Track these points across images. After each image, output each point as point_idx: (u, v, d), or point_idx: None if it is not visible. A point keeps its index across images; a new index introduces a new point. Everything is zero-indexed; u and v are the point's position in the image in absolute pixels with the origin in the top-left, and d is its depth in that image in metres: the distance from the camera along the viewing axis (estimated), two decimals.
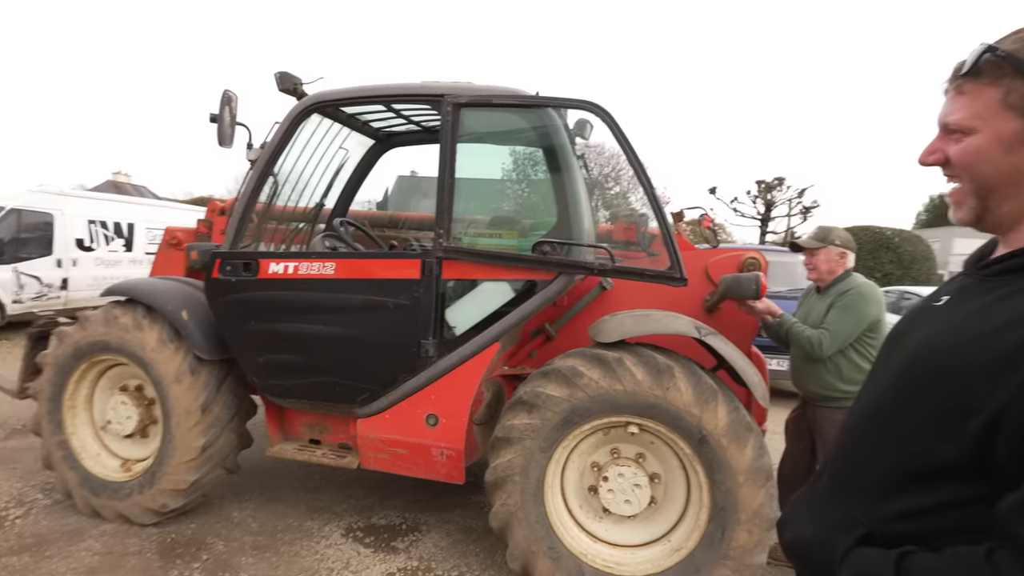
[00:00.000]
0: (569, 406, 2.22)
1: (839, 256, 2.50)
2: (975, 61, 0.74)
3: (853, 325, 2.36)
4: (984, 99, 0.73)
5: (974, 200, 0.77)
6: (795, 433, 2.69)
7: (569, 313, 2.88)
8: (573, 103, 2.27)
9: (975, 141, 0.75)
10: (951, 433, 0.69)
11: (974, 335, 0.71)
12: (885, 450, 0.80)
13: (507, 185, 2.75)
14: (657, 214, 2.20)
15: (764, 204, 22.18)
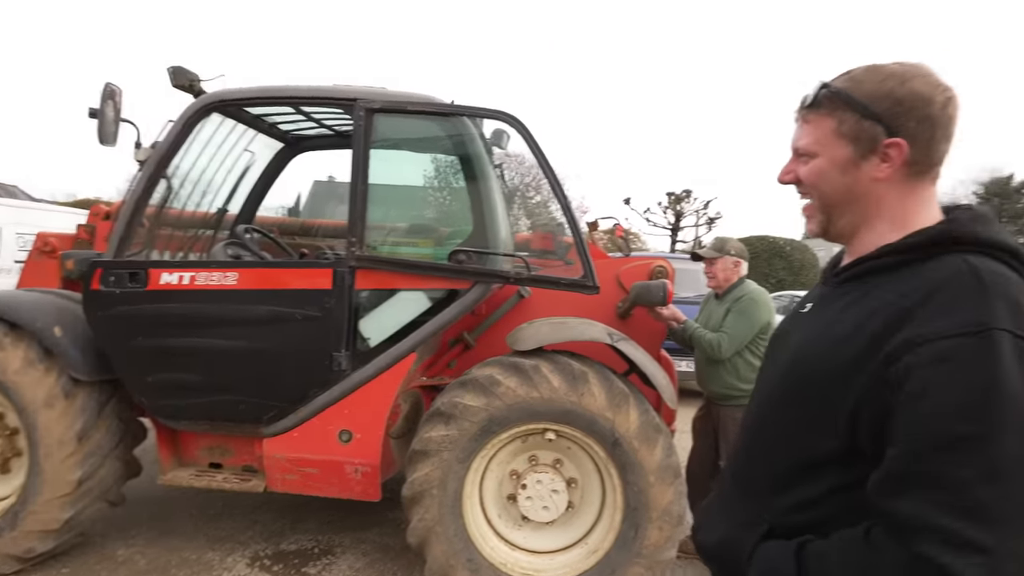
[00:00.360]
0: (487, 415, 2.21)
1: (734, 265, 2.70)
2: (814, 95, 0.85)
3: (748, 328, 2.55)
4: (823, 128, 0.83)
5: (820, 215, 0.88)
6: (701, 431, 2.86)
7: (487, 321, 2.88)
8: (488, 113, 2.29)
9: (817, 164, 0.85)
10: (826, 428, 0.77)
11: (830, 342, 0.79)
12: (776, 446, 0.86)
13: (423, 193, 2.71)
14: (570, 224, 2.26)
15: (674, 214, 23.62)
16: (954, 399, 0.63)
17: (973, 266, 0.70)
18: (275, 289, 2.39)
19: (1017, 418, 0.61)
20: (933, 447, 0.63)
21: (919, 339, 0.67)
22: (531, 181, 16.70)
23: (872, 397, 0.70)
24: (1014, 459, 0.60)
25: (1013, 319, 0.65)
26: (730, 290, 2.71)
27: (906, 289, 0.73)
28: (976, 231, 0.75)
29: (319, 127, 3.15)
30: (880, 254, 0.81)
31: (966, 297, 0.68)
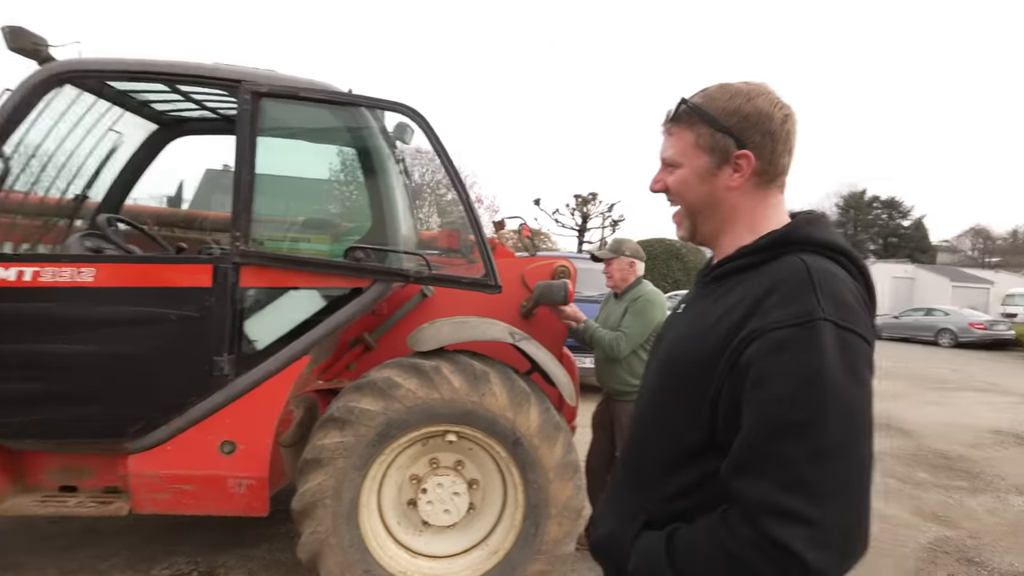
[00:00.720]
0: (385, 419, 2.13)
1: (629, 265, 2.83)
2: (675, 110, 0.92)
3: (644, 327, 2.68)
4: (684, 140, 0.91)
5: (687, 220, 0.95)
6: (600, 426, 2.96)
7: (389, 321, 2.78)
8: (386, 104, 2.19)
9: (681, 173, 0.92)
10: (695, 419, 0.83)
11: (696, 337, 0.86)
12: (658, 438, 0.91)
13: (318, 186, 2.55)
14: (471, 221, 2.23)
15: (581, 216, 24.49)
16: (785, 388, 0.70)
17: (806, 264, 0.78)
18: (143, 287, 2.14)
19: (838, 404, 0.68)
20: (769, 432, 0.70)
21: (759, 331, 0.74)
22: (443, 179, 16.53)
23: (727, 386, 0.76)
24: (836, 442, 0.68)
25: (836, 310, 0.72)
26: (628, 290, 2.83)
27: (755, 286, 0.81)
28: (809, 232, 0.84)
29: (201, 109, 2.86)
30: (738, 255, 0.89)
31: (797, 291, 0.75)
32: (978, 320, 17.14)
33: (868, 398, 0.72)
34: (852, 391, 0.70)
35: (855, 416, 0.69)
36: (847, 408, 0.69)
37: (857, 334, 0.72)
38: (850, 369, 0.70)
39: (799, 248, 0.83)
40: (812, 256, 0.81)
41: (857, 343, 0.72)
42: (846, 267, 0.82)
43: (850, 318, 0.73)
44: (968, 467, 4.91)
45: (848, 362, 0.70)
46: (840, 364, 0.69)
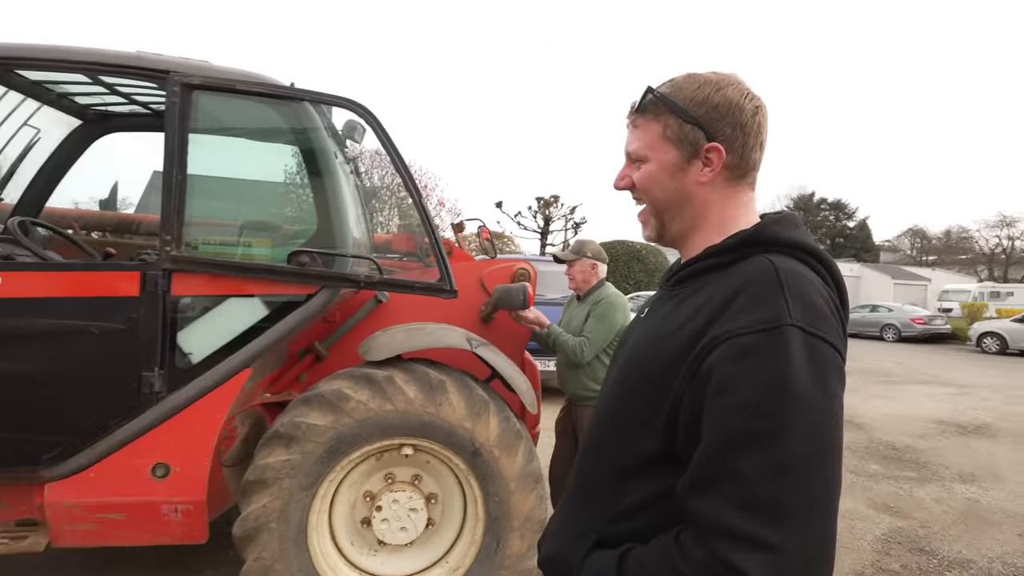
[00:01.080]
0: (335, 434, 2.00)
1: (591, 267, 2.78)
2: (641, 100, 0.85)
3: (607, 331, 2.63)
4: (651, 132, 0.84)
5: (654, 220, 0.88)
6: (563, 432, 2.90)
7: (341, 329, 2.64)
8: (331, 99, 2.06)
9: (649, 168, 0.85)
10: (650, 429, 0.76)
11: (657, 341, 0.80)
12: (612, 450, 0.84)
13: (259, 187, 2.39)
14: (424, 224, 2.12)
15: (543, 219, 24.60)
16: (748, 396, 0.63)
17: (774, 265, 0.73)
18: (60, 297, 1.94)
19: (804, 415, 0.62)
20: (728, 444, 0.64)
21: (723, 336, 0.68)
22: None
23: (688, 394, 0.70)
24: (800, 456, 0.61)
25: (805, 315, 0.67)
26: (590, 293, 2.78)
27: (721, 288, 0.75)
28: (778, 232, 0.79)
29: (129, 103, 2.65)
30: (705, 255, 0.83)
31: (764, 294, 0.69)
32: (918, 315, 18.12)
33: (837, 411, 0.66)
34: (820, 402, 0.64)
35: (822, 429, 0.63)
36: (813, 420, 0.63)
37: (826, 341, 0.67)
38: (818, 379, 0.64)
39: (766, 248, 0.78)
40: (780, 257, 0.76)
41: (826, 351, 0.67)
42: (816, 269, 0.77)
43: (819, 324, 0.67)
44: (915, 457, 5.11)
45: (816, 371, 0.64)
46: (808, 373, 0.63)
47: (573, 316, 2.82)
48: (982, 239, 36.69)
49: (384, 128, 2.04)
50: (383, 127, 2.04)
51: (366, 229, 2.80)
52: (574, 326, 2.74)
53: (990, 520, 3.73)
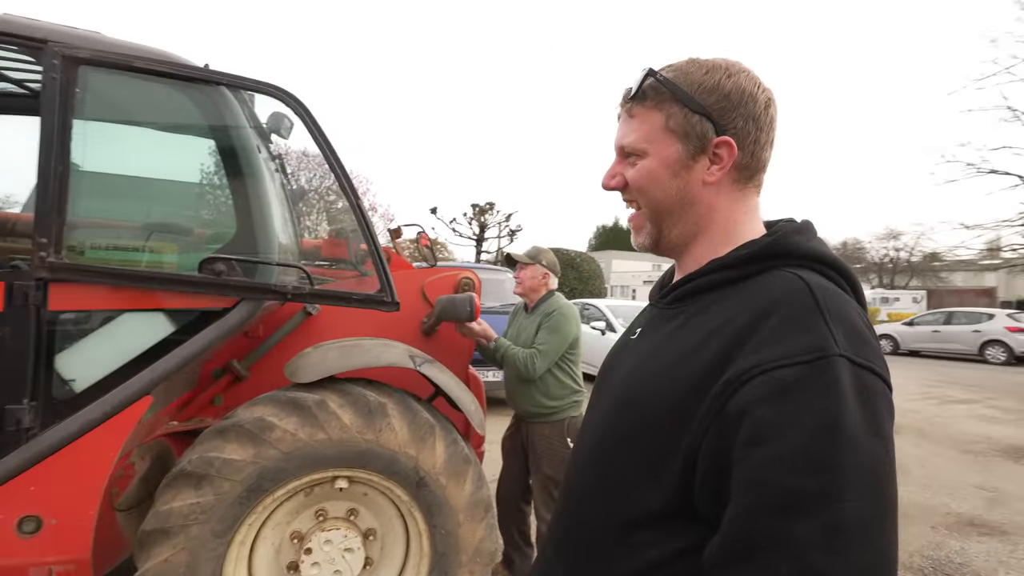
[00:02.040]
0: (257, 470, 1.73)
1: (543, 276, 2.66)
2: (640, 85, 0.73)
3: (560, 344, 2.51)
4: (651, 122, 0.73)
5: (650, 225, 0.76)
6: (511, 450, 2.75)
7: (265, 346, 2.35)
8: (254, 85, 1.80)
9: (646, 164, 0.73)
10: (657, 481, 0.62)
11: (662, 371, 0.67)
12: (601, 506, 0.69)
13: (164, 185, 2.06)
14: (363, 228, 1.90)
15: (478, 225, 24.50)
16: (795, 446, 0.52)
17: (806, 283, 0.62)
18: None
19: (860, 468, 0.51)
20: (773, 507, 0.51)
21: (756, 368, 0.56)
22: (332, 181, 15.58)
23: (710, 438, 0.58)
24: (860, 520, 0.50)
25: (849, 343, 0.56)
26: (539, 303, 2.66)
27: (741, 308, 0.64)
28: (799, 243, 0.69)
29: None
30: (711, 269, 0.71)
31: (802, 317, 0.59)
32: None
33: (892, 458, 0.54)
34: (876, 450, 0.52)
35: (881, 484, 0.52)
36: (871, 474, 0.51)
37: (875, 373, 0.56)
38: (872, 421, 0.53)
39: (786, 262, 0.67)
40: (807, 272, 0.65)
41: (876, 385, 0.56)
42: (841, 286, 0.66)
43: (866, 352, 0.57)
44: None
45: (869, 412, 0.53)
46: (860, 415, 0.52)
47: (522, 328, 2.68)
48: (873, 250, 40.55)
49: (316, 120, 1.81)
50: (315, 119, 1.81)
51: (293, 233, 2.53)
52: (523, 338, 2.61)
53: (903, 514, 3.96)
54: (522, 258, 2.66)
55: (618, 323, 9.06)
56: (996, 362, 14.78)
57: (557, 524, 0.79)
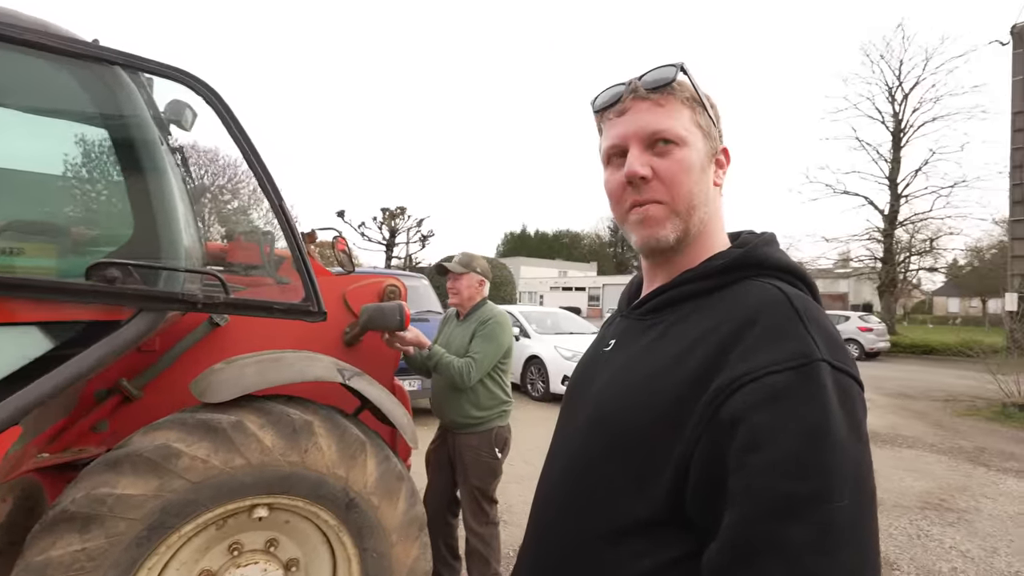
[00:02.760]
0: (159, 505, 1.51)
1: (478, 283, 2.62)
2: (672, 76, 0.72)
3: (496, 352, 2.48)
4: (683, 115, 0.72)
5: (678, 218, 0.73)
6: (436, 463, 2.67)
7: (162, 361, 2.08)
8: (155, 67, 1.59)
9: (685, 154, 0.72)
10: (645, 491, 0.62)
11: (643, 383, 0.67)
12: (589, 520, 0.67)
13: (42, 178, 1.75)
14: (286, 230, 1.74)
15: (389, 230, 23.87)
16: (788, 451, 0.54)
17: (784, 293, 0.65)
18: None
19: (846, 470, 0.54)
20: (771, 512, 0.53)
21: (747, 375, 0.58)
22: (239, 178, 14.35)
23: (703, 446, 0.59)
24: (849, 520, 0.52)
25: (828, 348, 0.59)
26: (473, 311, 2.61)
27: (722, 317, 0.65)
28: (771, 254, 0.72)
29: None
30: (686, 280, 0.73)
31: (785, 325, 0.61)
32: None
33: (871, 459, 0.58)
34: (858, 452, 0.56)
35: (864, 485, 0.55)
36: (855, 475, 0.54)
37: (851, 376, 0.60)
38: (853, 423, 0.56)
39: (758, 272, 0.70)
40: (779, 282, 0.69)
41: (853, 388, 0.59)
42: (805, 295, 0.70)
43: (842, 356, 0.60)
44: None
45: (851, 414, 0.57)
46: (844, 418, 0.55)
47: (453, 336, 2.62)
48: None
49: (231, 110, 1.63)
50: (229, 109, 1.63)
51: (197, 236, 2.27)
52: (455, 346, 2.55)
53: None
54: (456, 267, 2.60)
55: (531, 329, 9.22)
56: None
57: (531, 551, 0.76)
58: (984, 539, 3.81)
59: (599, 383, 0.76)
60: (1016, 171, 15.72)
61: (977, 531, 3.95)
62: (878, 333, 17.17)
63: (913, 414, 8.38)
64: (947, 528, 3.99)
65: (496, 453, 2.53)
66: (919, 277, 27.28)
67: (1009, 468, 5.58)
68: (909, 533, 3.88)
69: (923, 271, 26.00)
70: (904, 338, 19.93)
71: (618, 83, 0.75)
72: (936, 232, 23.07)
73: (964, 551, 3.61)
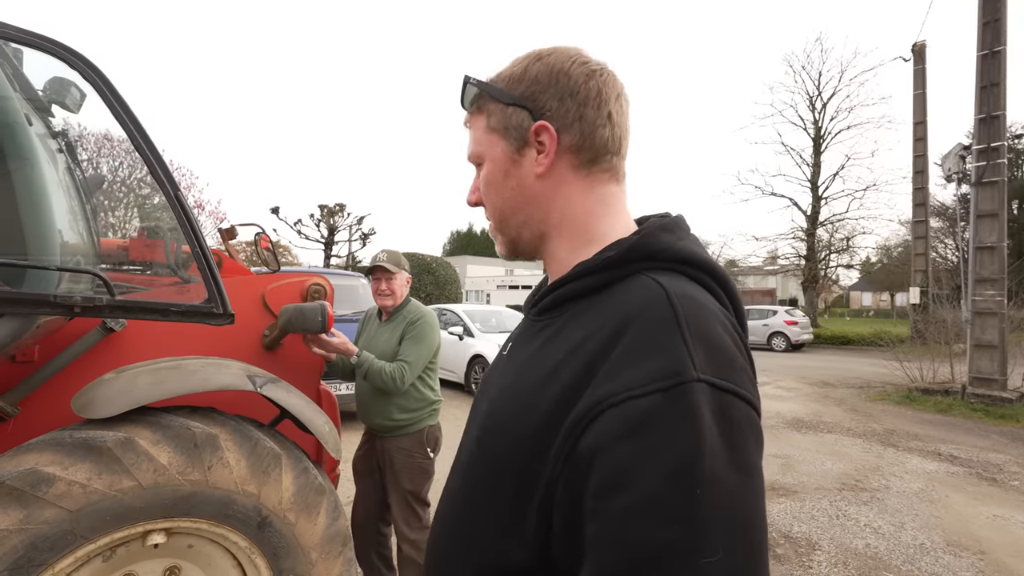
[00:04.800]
0: (26, 540, 1.31)
1: (406, 282, 2.51)
2: (462, 94, 0.71)
3: (426, 354, 2.38)
4: (478, 128, 0.70)
5: (500, 234, 0.72)
6: (365, 471, 2.53)
7: (44, 373, 1.84)
8: (25, 38, 1.38)
9: (485, 171, 0.70)
10: (517, 527, 0.54)
11: (519, 397, 0.59)
12: (467, 555, 0.60)
13: None
14: (183, 225, 1.57)
15: (327, 228, 23.05)
16: (645, 492, 0.44)
17: (665, 290, 0.55)
18: None
19: (723, 512, 0.44)
20: (628, 567, 0.44)
21: (607, 399, 0.49)
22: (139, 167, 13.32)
23: (561, 485, 0.51)
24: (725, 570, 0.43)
25: (711, 362, 0.49)
26: (398, 311, 2.49)
27: (597, 322, 0.57)
28: (669, 243, 0.61)
29: None
30: (574, 275, 0.64)
31: (657, 334, 0.51)
32: None
33: (760, 492, 0.48)
34: (740, 488, 0.46)
35: (746, 526, 0.45)
36: (734, 516, 0.45)
37: (740, 397, 0.49)
38: (736, 455, 0.46)
39: (651, 265, 0.60)
40: (669, 276, 0.58)
41: (740, 411, 0.49)
42: (712, 290, 0.61)
43: (729, 374, 0.50)
44: None
45: (732, 444, 0.46)
46: (722, 449, 0.46)
47: (376, 337, 2.49)
48: None
49: (115, 89, 1.45)
50: (112, 87, 1.44)
51: (87, 231, 2.04)
52: (381, 348, 2.42)
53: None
54: (392, 267, 2.46)
55: (475, 327, 9.13)
56: (779, 350, 18.02)
57: (429, 570, 0.68)
58: (893, 515, 4.10)
59: (491, 394, 0.67)
60: (917, 176, 17.18)
61: (887, 508, 4.24)
62: (802, 326, 18.32)
63: (833, 401, 8.96)
64: (862, 507, 4.25)
65: (428, 453, 2.44)
66: (837, 273, 29.35)
67: (914, 448, 6.05)
68: (829, 514, 4.11)
69: (841, 268, 28.05)
70: (825, 330, 21.38)
71: None
72: (852, 231, 24.93)
73: (876, 528, 3.86)
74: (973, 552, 3.51)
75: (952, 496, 4.54)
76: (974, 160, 8.87)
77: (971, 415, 7.79)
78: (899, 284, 28.94)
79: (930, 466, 5.38)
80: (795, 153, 24.73)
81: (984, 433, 6.83)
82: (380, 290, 2.49)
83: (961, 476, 5.07)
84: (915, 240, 17.63)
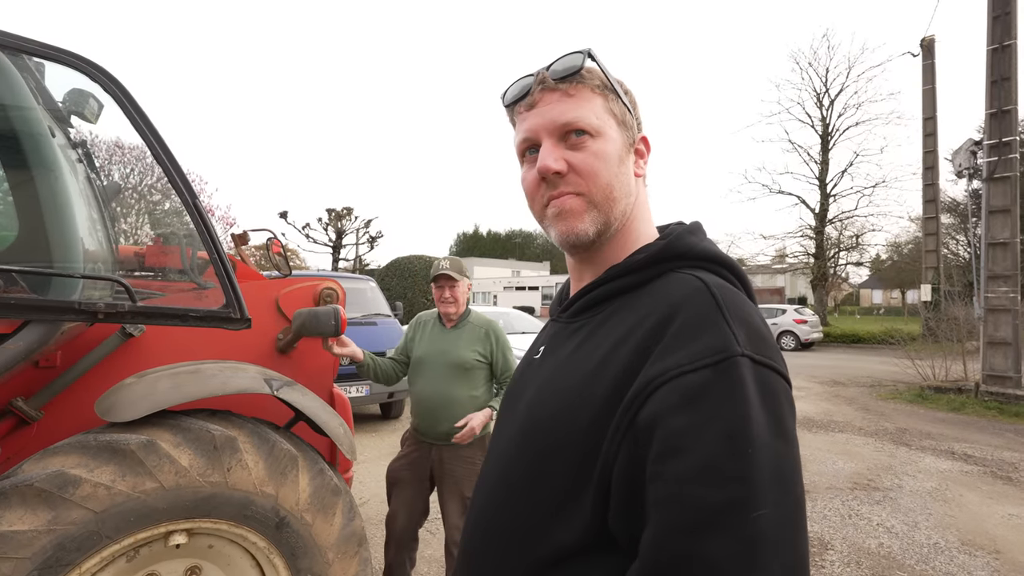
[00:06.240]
0: (54, 540, 1.35)
1: (468, 289, 2.54)
2: (581, 64, 0.67)
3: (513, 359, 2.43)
4: (595, 104, 0.68)
5: (597, 211, 0.68)
6: (412, 480, 2.47)
7: (67, 377, 1.88)
8: (46, 52, 1.42)
9: (599, 145, 0.68)
10: (572, 509, 0.58)
11: (570, 390, 0.63)
12: (517, 544, 0.63)
13: None
14: (201, 231, 1.60)
15: (335, 232, 23.20)
16: (702, 456, 0.49)
17: (705, 283, 0.61)
18: None
19: (766, 474, 0.49)
20: (691, 525, 0.48)
21: (661, 376, 0.54)
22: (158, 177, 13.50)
23: (623, 455, 0.55)
24: (774, 527, 0.47)
25: (750, 341, 0.56)
26: (464, 317, 2.53)
27: (643, 312, 0.62)
28: (695, 244, 0.69)
29: None
30: (610, 277, 0.69)
31: (704, 319, 0.57)
32: None
33: (798, 457, 0.53)
34: (783, 451, 0.51)
35: (789, 487, 0.50)
36: (780, 478, 0.49)
37: (776, 371, 0.56)
38: (777, 421, 0.52)
39: (682, 263, 0.67)
40: (703, 272, 0.65)
41: (778, 383, 0.55)
42: (734, 285, 0.67)
43: (766, 350, 0.56)
44: None
45: (774, 412, 0.52)
46: (764, 416, 0.51)
47: (444, 343, 2.46)
48: None
49: (134, 100, 1.48)
50: (131, 98, 1.48)
51: (106, 238, 2.08)
52: (453, 356, 2.42)
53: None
54: (457, 275, 2.45)
55: None
56: (788, 349, 17.89)
57: (463, 571, 0.70)
58: (906, 514, 4.07)
59: (528, 395, 0.71)
60: (927, 172, 17.03)
61: (900, 507, 4.21)
62: (812, 325, 18.18)
63: (844, 400, 8.90)
64: (874, 507, 4.23)
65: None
66: (847, 271, 29.17)
67: (927, 447, 6.01)
68: (841, 513, 4.09)
69: (850, 265, 27.84)
70: (835, 329, 21.22)
71: (527, 75, 0.71)
72: (861, 229, 24.73)
73: (889, 527, 3.84)
74: (988, 551, 3.48)
75: (966, 495, 4.50)
76: (985, 155, 8.78)
77: (985, 413, 7.72)
78: (910, 281, 28.68)
79: (944, 465, 5.33)
80: (803, 150, 24.55)
81: (998, 431, 6.76)
82: (444, 297, 2.46)
83: (975, 475, 5.03)
84: (926, 237, 17.48)
